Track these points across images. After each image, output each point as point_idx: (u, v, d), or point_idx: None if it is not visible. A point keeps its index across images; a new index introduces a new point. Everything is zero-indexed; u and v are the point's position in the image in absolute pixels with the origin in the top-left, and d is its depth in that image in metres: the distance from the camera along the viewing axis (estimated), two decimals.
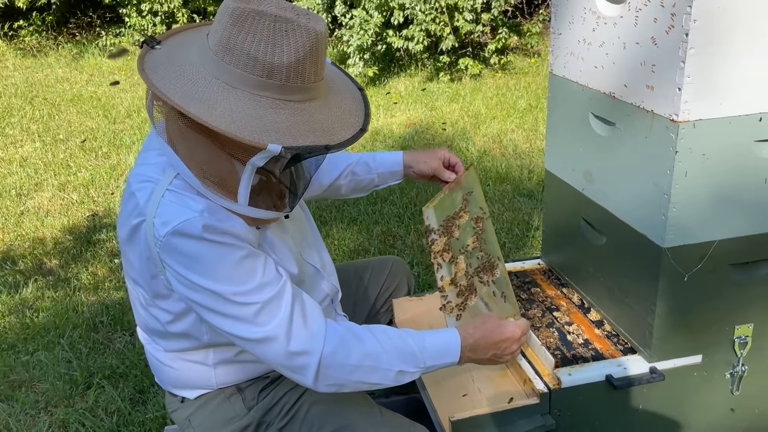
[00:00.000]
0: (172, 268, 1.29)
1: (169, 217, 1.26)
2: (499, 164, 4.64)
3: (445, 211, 1.89)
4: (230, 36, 1.22)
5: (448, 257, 1.81)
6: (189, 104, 1.18)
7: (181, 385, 1.53)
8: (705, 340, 1.61)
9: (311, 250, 1.63)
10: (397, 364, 1.37)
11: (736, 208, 1.49)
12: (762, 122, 1.42)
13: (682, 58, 1.34)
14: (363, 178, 1.93)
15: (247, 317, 1.30)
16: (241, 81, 1.22)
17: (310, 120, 1.25)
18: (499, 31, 7.10)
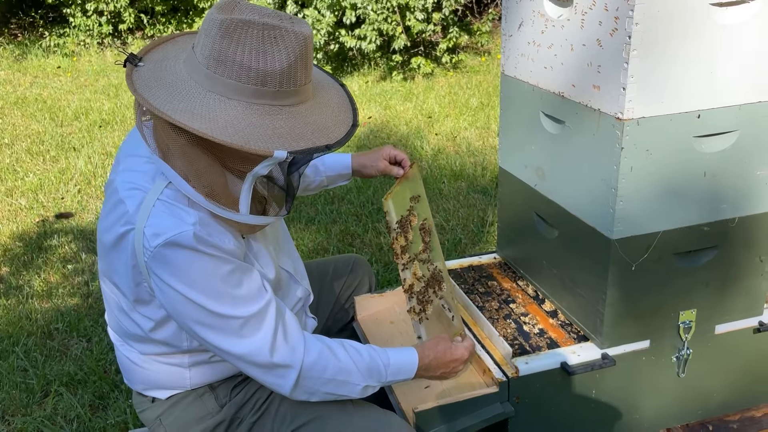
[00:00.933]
0: (160, 279, 1.30)
1: (161, 228, 1.27)
2: (453, 162, 4.72)
3: (400, 205, 1.93)
4: (221, 48, 1.23)
5: (406, 259, 1.87)
6: (191, 120, 1.19)
7: (153, 386, 1.53)
8: (652, 325, 1.70)
9: (285, 256, 1.66)
10: (365, 380, 1.46)
11: (679, 200, 1.58)
12: (700, 119, 1.51)
13: (626, 59, 1.42)
14: (312, 180, 1.97)
15: (231, 330, 1.33)
16: (236, 91, 1.24)
17: (306, 122, 1.28)
18: (450, 30, 7.21)
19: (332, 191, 4.25)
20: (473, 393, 1.63)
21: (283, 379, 1.38)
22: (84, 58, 8.62)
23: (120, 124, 5.89)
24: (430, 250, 1.76)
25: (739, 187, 1.62)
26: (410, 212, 1.85)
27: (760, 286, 1.75)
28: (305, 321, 1.73)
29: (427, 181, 4.40)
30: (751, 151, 1.59)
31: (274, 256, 1.56)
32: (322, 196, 4.19)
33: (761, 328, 1.77)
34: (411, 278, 1.83)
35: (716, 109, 1.51)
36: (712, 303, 1.72)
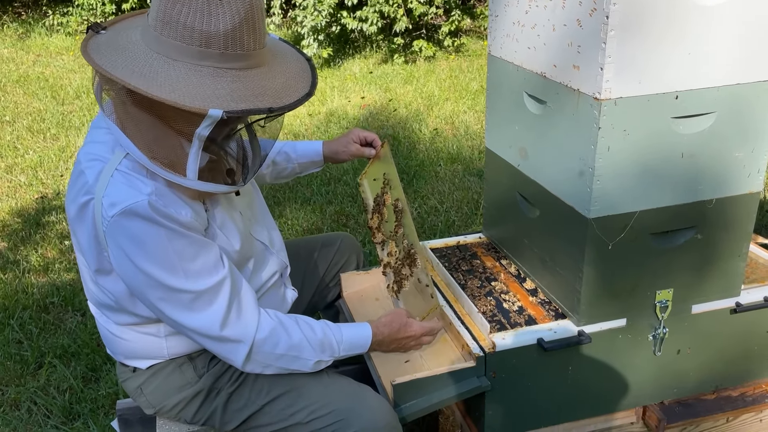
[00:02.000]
0: (115, 248, 1.33)
1: (118, 198, 1.30)
2: (450, 145, 4.74)
3: (374, 185, 1.94)
4: (166, 9, 1.24)
5: (381, 237, 1.89)
6: (130, 78, 1.21)
7: (133, 356, 1.57)
8: (629, 304, 1.72)
9: (260, 227, 1.68)
10: (317, 355, 1.52)
11: (656, 180, 1.60)
12: (678, 100, 1.53)
13: (604, 39, 1.43)
14: (284, 167, 2.00)
15: (182, 303, 1.37)
16: (180, 52, 1.25)
17: (252, 86, 1.28)
18: (452, 13, 7.18)
19: (329, 173, 4.28)
20: (451, 367, 1.66)
21: (234, 353, 1.43)
22: None
23: None
24: (404, 227, 1.79)
25: (717, 169, 1.63)
26: (384, 191, 1.86)
27: (737, 267, 1.77)
28: (284, 292, 1.75)
29: (424, 163, 4.42)
30: (728, 132, 1.60)
31: (244, 226, 1.58)
32: (318, 177, 4.22)
33: (738, 308, 1.79)
34: (387, 257, 1.86)
35: (694, 91, 1.53)
36: (689, 283, 1.74)
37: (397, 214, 1.82)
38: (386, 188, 1.87)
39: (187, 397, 1.56)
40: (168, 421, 1.66)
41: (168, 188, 1.34)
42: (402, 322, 1.67)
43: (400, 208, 1.81)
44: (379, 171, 1.91)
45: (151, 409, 1.60)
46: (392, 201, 1.85)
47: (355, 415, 1.50)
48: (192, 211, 1.37)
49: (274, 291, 1.69)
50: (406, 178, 4.21)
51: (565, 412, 1.81)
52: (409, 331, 1.68)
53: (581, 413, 1.82)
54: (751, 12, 1.49)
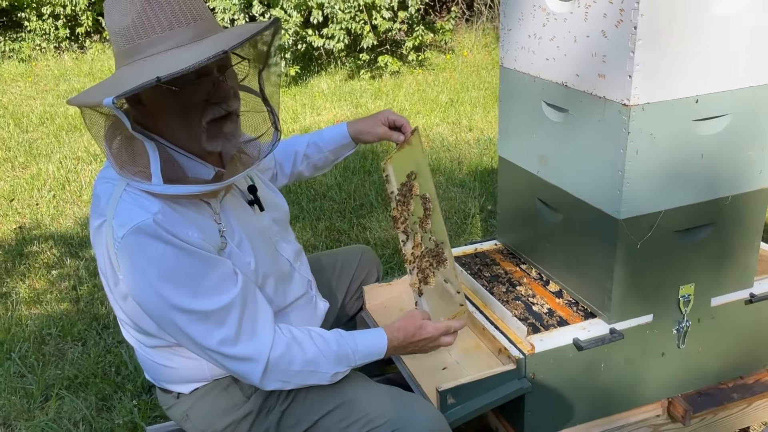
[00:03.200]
0: (125, 268, 1.33)
1: (126, 218, 1.31)
2: (429, 157, 4.80)
3: (400, 171, 1.85)
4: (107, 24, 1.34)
5: (404, 226, 1.83)
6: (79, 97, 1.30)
7: (175, 381, 1.55)
8: (655, 300, 1.80)
9: (286, 243, 1.69)
10: (333, 368, 1.51)
11: (679, 180, 1.68)
12: (698, 104, 1.62)
13: (632, 48, 1.51)
14: (318, 158, 1.98)
15: (193, 323, 1.35)
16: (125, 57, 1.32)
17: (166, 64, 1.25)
18: (416, 28, 7.30)
19: (313, 187, 4.29)
20: (492, 371, 1.70)
21: (250, 372, 1.41)
22: (42, 63, 8.43)
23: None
24: (432, 223, 1.75)
25: (732, 168, 1.73)
26: (410, 181, 1.80)
27: (750, 260, 1.87)
28: (316, 304, 1.76)
29: None
30: (742, 132, 1.70)
31: (268, 243, 1.58)
32: (304, 193, 4.23)
33: (752, 299, 1.89)
34: (411, 249, 1.82)
35: (712, 94, 1.62)
36: (709, 277, 1.83)
37: (426, 206, 1.76)
38: (413, 178, 1.80)
39: (237, 419, 1.55)
40: None
41: (172, 209, 1.34)
42: (417, 325, 1.62)
43: (430, 201, 1.75)
44: (407, 159, 1.83)
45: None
46: (420, 192, 1.79)
47: (409, 424, 1.51)
48: (199, 232, 1.36)
49: (304, 305, 1.70)
50: None
51: (597, 409, 1.87)
52: (424, 334, 1.62)
53: (612, 409, 1.89)
54: (762, 20, 1.60)
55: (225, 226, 1.46)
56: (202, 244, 1.36)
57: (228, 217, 1.48)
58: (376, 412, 1.54)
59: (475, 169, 4.57)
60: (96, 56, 8.59)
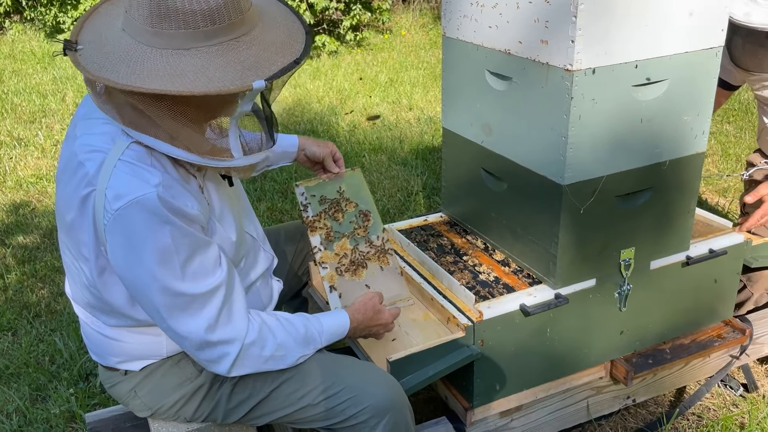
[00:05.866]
0: (115, 243, 1.27)
1: (123, 189, 1.24)
2: (371, 136, 4.78)
3: (322, 193, 1.94)
4: (158, 2, 1.20)
5: (324, 232, 1.87)
6: (163, 84, 1.17)
7: (126, 358, 1.50)
8: (598, 264, 1.84)
9: (248, 221, 1.66)
10: (301, 351, 1.50)
11: (620, 145, 1.71)
12: (638, 69, 1.64)
13: (574, 13, 1.52)
14: None
15: (177, 306, 1.32)
16: (190, 40, 1.22)
17: (267, 45, 1.27)
18: (353, 8, 7.22)
19: None
20: (442, 339, 1.70)
21: (221, 359, 1.38)
22: None
23: (9, 112, 5.49)
24: (370, 229, 1.89)
25: (670, 132, 1.77)
26: (347, 201, 1.92)
27: (687, 223, 1.93)
28: (271, 284, 1.73)
29: (348, 155, 4.44)
30: (679, 98, 1.74)
31: (238, 219, 1.55)
32: None
33: (689, 261, 1.95)
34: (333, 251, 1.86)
35: (651, 60, 1.65)
36: (648, 241, 1.88)
37: (367, 220, 1.90)
38: (346, 200, 1.92)
39: (188, 393, 1.51)
40: (164, 423, 1.59)
41: (173, 179, 1.30)
42: (375, 309, 1.65)
43: (367, 214, 1.91)
44: (335, 187, 1.94)
45: (146, 411, 1.53)
46: (363, 209, 1.92)
47: (365, 390, 1.50)
48: (198, 203, 1.33)
49: (262, 284, 1.67)
50: None
51: (544, 374, 1.89)
52: (381, 319, 1.66)
53: (558, 373, 1.92)
54: None
55: (209, 199, 1.44)
56: (199, 217, 1.33)
57: (210, 191, 1.45)
58: (331, 380, 1.52)
59: (416, 148, 4.57)
60: (17, 37, 8.15)
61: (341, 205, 1.91)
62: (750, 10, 2.10)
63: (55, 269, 3.14)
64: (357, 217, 1.91)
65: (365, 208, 1.93)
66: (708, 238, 2.04)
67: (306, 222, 1.88)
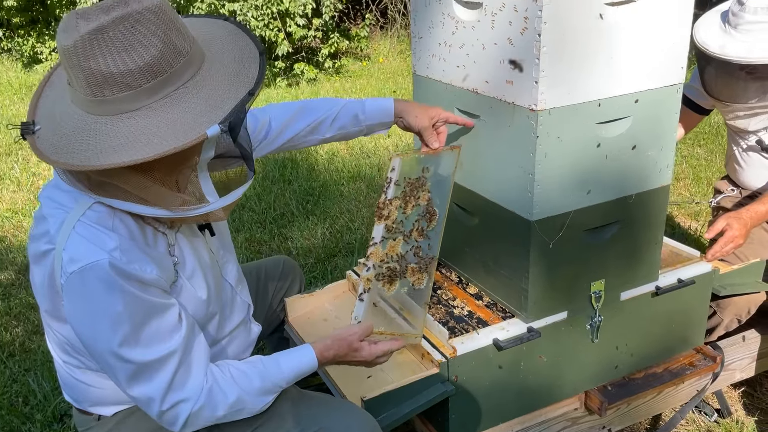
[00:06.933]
0: (70, 304, 1.28)
1: (78, 254, 1.24)
2: (349, 164, 4.81)
3: (412, 170, 1.82)
4: (92, 71, 1.15)
5: (388, 222, 1.77)
6: (117, 157, 1.15)
7: (98, 402, 1.49)
8: (568, 297, 1.86)
9: (229, 263, 1.65)
10: (260, 401, 1.45)
11: (586, 181, 1.75)
12: (600, 107, 1.68)
13: (537, 55, 1.56)
14: (350, 131, 1.87)
15: (126, 372, 1.30)
16: (135, 100, 1.18)
17: (217, 82, 1.24)
18: (331, 35, 7.30)
19: None
20: (417, 377, 1.71)
21: (172, 422, 1.36)
22: None
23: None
24: (432, 238, 1.72)
25: (635, 167, 1.82)
26: (419, 186, 1.78)
27: (655, 254, 1.97)
28: (250, 328, 1.73)
29: (327, 184, 4.46)
30: (642, 134, 1.78)
31: (214, 269, 1.55)
32: None
33: (658, 291, 1.98)
34: (385, 249, 1.76)
35: (613, 98, 1.69)
36: (617, 273, 1.91)
37: (430, 217, 1.74)
38: (424, 186, 1.78)
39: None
40: None
41: (133, 242, 1.29)
42: (352, 348, 1.55)
43: (434, 214, 1.74)
44: (429, 165, 1.81)
45: None
46: (430, 205, 1.77)
47: (342, 429, 1.50)
48: (157, 267, 1.32)
49: (240, 332, 1.66)
50: (312, 199, 4.23)
51: (519, 407, 1.91)
52: (358, 356, 1.56)
53: (533, 405, 1.94)
54: (655, 27, 1.68)
55: (179, 258, 1.42)
56: (157, 281, 1.31)
57: (182, 248, 1.44)
58: (306, 421, 1.52)
59: None
60: None
61: (416, 193, 1.78)
62: (725, 42, 2.15)
63: (29, 306, 3.11)
64: (422, 216, 1.76)
65: (437, 204, 1.75)
66: (676, 267, 2.07)
67: (376, 206, 1.79)
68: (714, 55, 2.15)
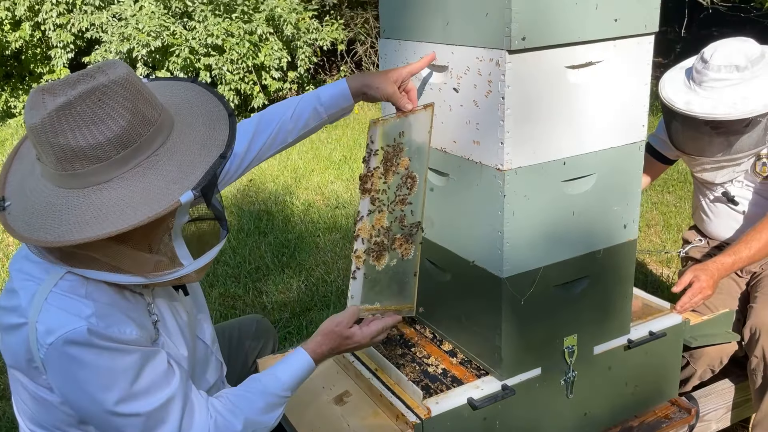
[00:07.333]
0: (57, 377, 1.26)
1: (54, 324, 1.22)
2: (325, 215, 4.82)
3: (389, 136, 1.77)
4: (62, 146, 1.16)
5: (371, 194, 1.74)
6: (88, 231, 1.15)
7: None
8: (542, 353, 1.86)
9: (204, 322, 1.64)
10: (270, 417, 1.47)
11: (555, 237, 1.77)
12: (566, 165, 1.72)
13: (501, 117, 1.60)
14: (314, 126, 1.83)
15: (135, 427, 1.29)
16: (106, 172, 1.19)
17: (188, 148, 1.24)
18: (306, 87, 7.40)
19: None
20: None
21: None
22: None
23: None
24: (415, 204, 1.67)
25: (601, 223, 1.85)
26: (398, 152, 1.72)
27: (625, 308, 1.98)
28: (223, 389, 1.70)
29: (303, 235, 4.46)
30: (607, 190, 1.82)
31: (191, 329, 1.54)
32: None
33: (630, 345, 1.99)
34: (372, 222, 1.73)
35: (577, 156, 1.73)
36: (589, 327, 1.92)
37: (410, 183, 1.69)
38: (402, 151, 1.71)
39: None
40: None
41: (111, 306, 1.28)
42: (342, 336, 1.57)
43: (415, 179, 1.68)
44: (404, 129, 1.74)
45: None
46: (409, 169, 1.70)
47: None
48: (137, 328, 1.31)
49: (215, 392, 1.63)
50: (287, 251, 4.21)
51: None
52: (351, 343, 1.58)
53: None
54: (615, 87, 1.74)
55: (158, 316, 1.41)
56: (138, 341, 1.30)
57: (159, 307, 1.43)
58: None
59: None
60: None
61: (395, 160, 1.72)
62: (690, 98, 2.21)
63: None
64: (403, 183, 1.70)
65: (416, 168, 1.69)
66: (647, 320, 2.09)
67: (360, 178, 1.74)
68: (680, 111, 2.21)
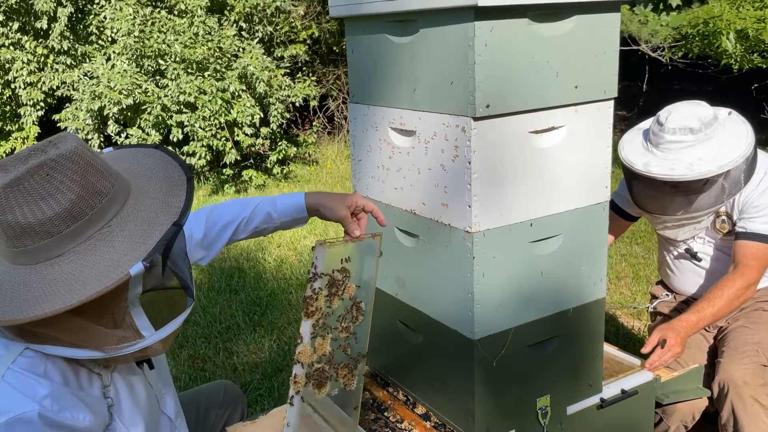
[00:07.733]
0: None
1: (7, 405, 1.20)
2: (297, 271, 4.79)
3: (335, 260, 1.72)
4: (11, 224, 1.15)
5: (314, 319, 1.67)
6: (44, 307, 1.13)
7: None
8: (515, 414, 1.85)
9: (167, 396, 1.60)
10: None
11: (524, 298, 1.78)
12: (533, 227, 1.75)
13: (468, 181, 1.63)
14: (265, 228, 1.83)
15: None
16: (58, 246, 1.18)
17: (142, 216, 1.23)
18: (279, 143, 7.46)
19: None
20: None
21: None
22: None
23: None
24: (359, 335, 1.68)
25: (570, 282, 1.87)
26: (344, 278, 1.70)
27: (597, 366, 1.99)
28: None
29: (275, 293, 4.41)
30: (574, 250, 1.85)
31: (151, 405, 1.50)
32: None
33: (603, 404, 1.99)
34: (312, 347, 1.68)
35: (544, 217, 1.76)
36: (562, 387, 1.92)
37: (356, 313, 1.69)
38: (348, 278, 1.70)
39: None
40: None
41: (67, 388, 1.25)
42: None
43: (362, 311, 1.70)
44: (354, 253, 1.72)
45: None
46: (358, 298, 1.70)
47: None
48: (90, 413, 1.28)
49: None
50: (259, 310, 4.16)
51: None
52: None
53: None
54: (577, 152, 1.79)
55: (114, 400, 1.38)
56: (90, 428, 1.27)
57: (117, 388, 1.40)
58: None
59: None
60: None
61: (340, 287, 1.70)
62: (648, 160, 2.28)
63: None
64: (348, 310, 1.70)
65: (363, 296, 1.70)
66: (619, 378, 2.10)
67: (303, 300, 1.69)
68: (639, 173, 2.27)
